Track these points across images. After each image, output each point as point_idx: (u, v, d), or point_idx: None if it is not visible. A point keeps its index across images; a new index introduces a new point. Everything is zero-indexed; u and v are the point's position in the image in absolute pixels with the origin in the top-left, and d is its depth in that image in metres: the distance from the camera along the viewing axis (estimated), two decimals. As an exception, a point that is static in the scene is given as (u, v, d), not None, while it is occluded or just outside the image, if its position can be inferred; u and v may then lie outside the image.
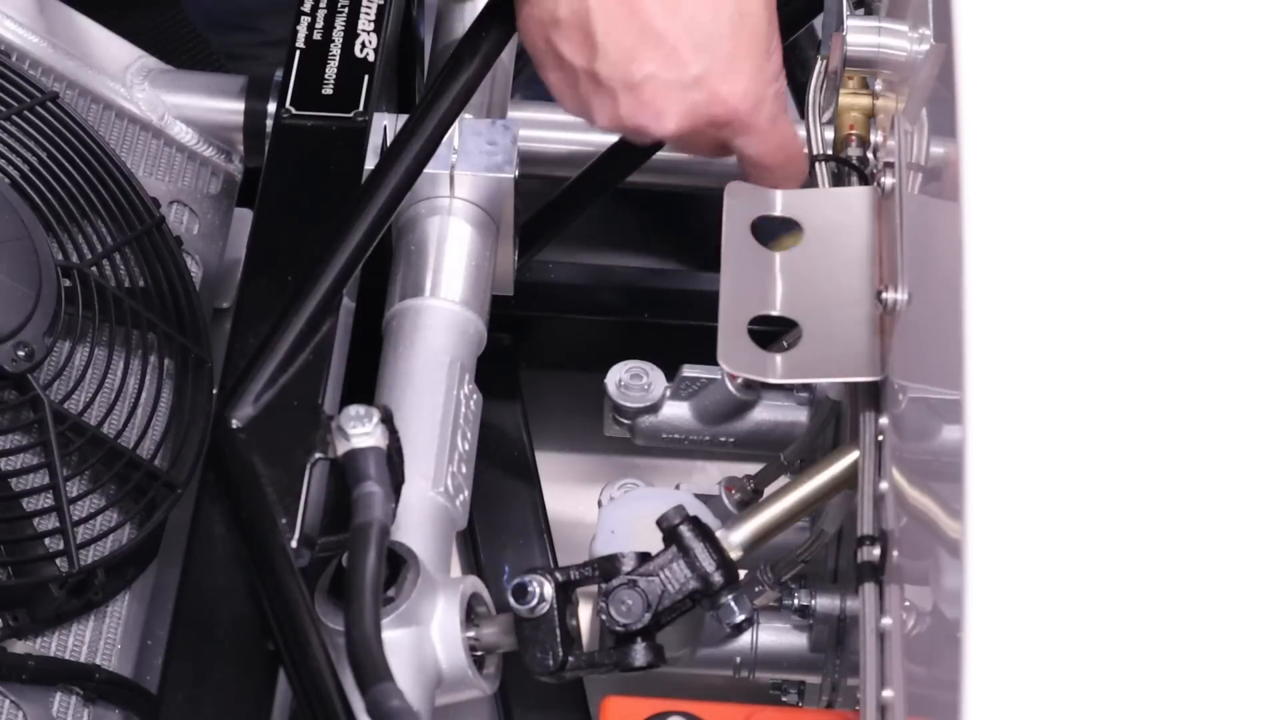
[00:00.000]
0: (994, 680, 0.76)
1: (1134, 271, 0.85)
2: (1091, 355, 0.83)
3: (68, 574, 1.13)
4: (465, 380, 1.25)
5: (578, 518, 1.50)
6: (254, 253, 1.29)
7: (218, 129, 1.45)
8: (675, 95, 1.16)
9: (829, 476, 1.12)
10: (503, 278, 1.38)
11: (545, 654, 1.08)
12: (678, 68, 1.15)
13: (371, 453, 1.04)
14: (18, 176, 1.25)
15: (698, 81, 1.16)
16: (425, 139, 1.21)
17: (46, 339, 1.17)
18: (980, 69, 0.92)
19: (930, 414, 0.95)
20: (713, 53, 1.16)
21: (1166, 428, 0.81)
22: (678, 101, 1.16)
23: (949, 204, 0.90)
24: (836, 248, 1.16)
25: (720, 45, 1.16)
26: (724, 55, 1.16)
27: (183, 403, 1.23)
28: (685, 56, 1.15)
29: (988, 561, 0.78)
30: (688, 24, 1.15)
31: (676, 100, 1.16)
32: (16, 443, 1.16)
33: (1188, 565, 0.78)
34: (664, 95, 1.16)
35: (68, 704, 1.13)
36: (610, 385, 1.32)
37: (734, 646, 1.26)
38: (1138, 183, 0.88)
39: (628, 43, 1.15)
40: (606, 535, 1.19)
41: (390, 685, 0.94)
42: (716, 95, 1.16)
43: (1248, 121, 0.90)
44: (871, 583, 1.02)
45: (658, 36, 1.15)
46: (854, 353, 1.11)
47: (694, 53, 1.15)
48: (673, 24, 1.15)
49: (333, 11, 1.43)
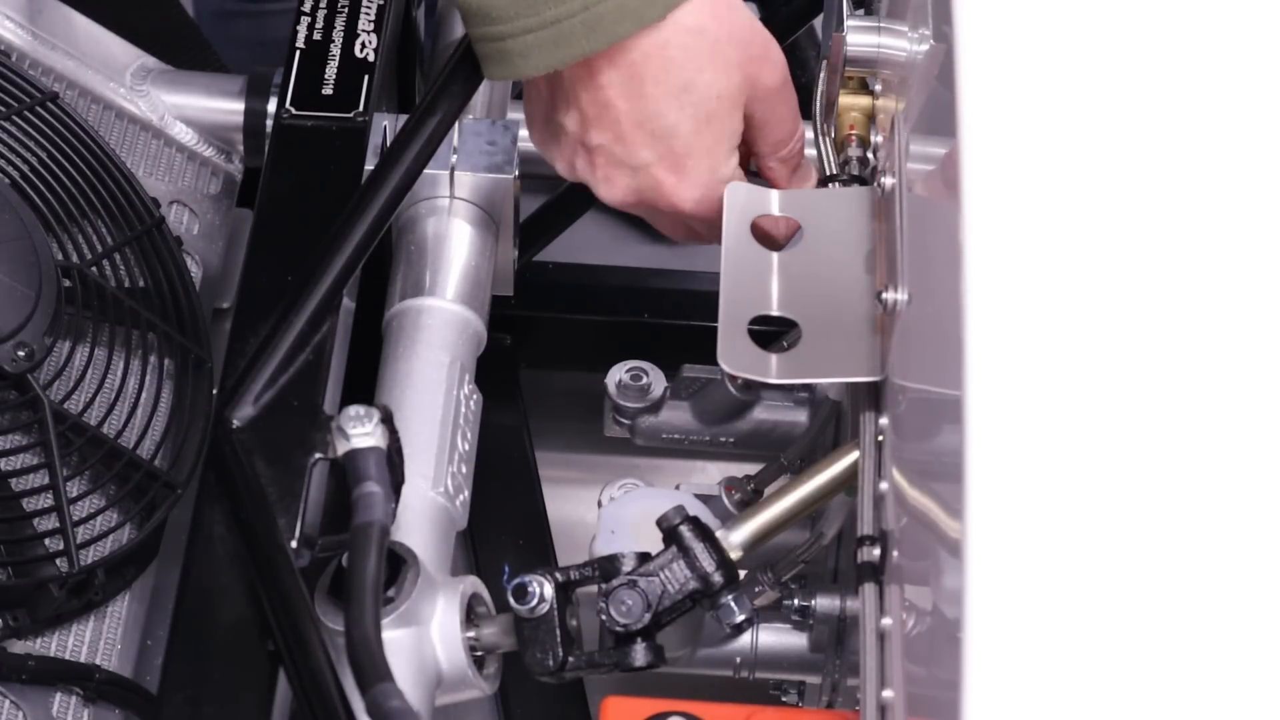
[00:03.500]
0: (994, 680, 0.76)
1: (1134, 271, 0.85)
2: (1092, 355, 0.83)
3: (68, 574, 1.13)
4: (465, 380, 1.25)
5: (578, 518, 1.50)
6: (254, 253, 1.29)
7: (218, 129, 1.45)
8: (622, 172, 1.19)
9: (829, 477, 1.12)
10: (503, 278, 1.38)
11: (545, 654, 1.08)
12: (628, 150, 1.18)
13: (371, 453, 1.04)
14: (18, 176, 1.25)
15: (645, 168, 1.18)
16: (425, 139, 1.22)
17: (46, 339, 1.17)
18: (980, 69, 0.92)
19: (930, 414, 0.95)
20: (667, 146, 1.18)
21: (1167, 428, 0.81)
22: (623, 179, 1.19)
23: (949, 204, 0.90)
24: (836, 248, 1.16)
25: (676, 141, 1.18)
26: (677, 152, 1.18)
27: (183, 403, 1.23)
28: (637, 141, 1.18)
29: (988, 561, 0.78)
30: (650, 112, 1.17)
31: (622, 177, 1.19)
32: (16, 443, 1.16)
33: (1188, 565, 0.78)
34: (612, 168, 1.19)
35: (68, 704, 1.13)
36: (610, 385, 1.32)
37: (734, 646, 1.26)
38: (1138, 182, 0.88)
39: (591, 111, 1.17)
40: (606, 535, 1.19)
41: (390, 685, 0.94)
42: (660, 188, 1.19)
43: (1248, 121, 0.90)
44: (871, 583, 1.02)
45: (617, 115, 1.17)
46: (854, 353, 1.11)
47: (648, 141, 1.18)
48: (634, 108, 1.16)
49: (333, 11, 1.43)
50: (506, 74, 1.15)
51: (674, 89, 1.16)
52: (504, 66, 1.14)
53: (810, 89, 1.30)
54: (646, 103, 1.16)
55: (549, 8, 1.11)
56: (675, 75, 1.16)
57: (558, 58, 1.13)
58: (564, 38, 1.12)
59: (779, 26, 1.52)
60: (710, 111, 1.17)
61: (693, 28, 1.15)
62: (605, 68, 1.15)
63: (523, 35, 1.12)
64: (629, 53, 1.14)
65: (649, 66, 1.15)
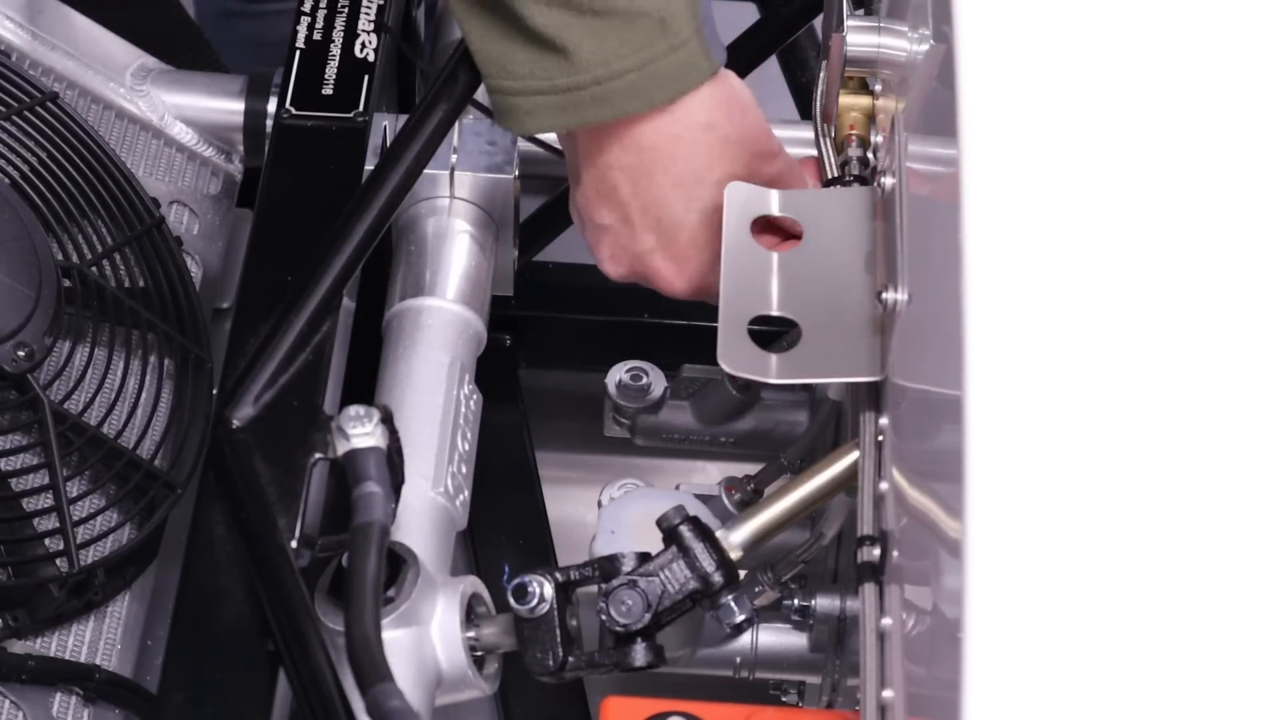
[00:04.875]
0: (994, 680, 0.76)
1: (1134, 271, 0.85)
2: (1092, 355, 0.83)
3: (68, 574, 1.13)
4: (465, 380, 1.26)
5: (578, 518, 1.50)
6: (254, 253, 1.29)
7: (218, 129, 1.45)
8: (622, 252, 1.21)
9: (829, 477, 1.12)
10: (503, 278, 1.38)
11: (545, 654, 1.08)
12: (632, 235, 1.20)
13: (371, 453, 1.04)
14: (18, 176, 1.25)
15: (646, 253, 1.20)
16: (425, 139, 1.22)
17: (46, 339, 1.18)
18: (980, 69, 0.92)
19: (930, 414, 0.95)
20: (670, 237, 1.19)
21: (1167, 428, 0.81)
22: (623, 258, 1.21)
23: (949, 204, 0.90)
24: (836, 248, 1.16)
25: (680, 233, 1.19)
26: (680, 242, 1.19)
27: (183, 403, 1.23)
28: (642, 228, 1.19)
29: (988, 561, 0.78)
30: (653, 202, 1.18)
31: (622, 256, 1.21)
32: (16, 443, 1.16)
33: (1188, 565, 0.78)
34: (613, 247, 1.21)
35: (68, 704, 1.13)
36: (610, 385, 1.32)
37: (734, 646, 1.26)
38: (1138, 183, 0.88)
39: (600, 190, 1.19)
40: (606, 535, 1.19)
41: (390, 685, 0.94)
42: (659, 274, 1.21)
43: (1249, 121, 0.90)
44: (871, 583, 1.02)
45: (623, 199, 1.18)
46: (854, 353, 1.10)
47: (651, 229, 1.19)
48: (638, 196, 1.18)
49: (333, 11, 1.44)
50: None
51: (682, 181, 1.17)
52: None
53: (810, 89, 1.30)
54: (653, 192, 1.18)
55: (563, 76, 1.12)
56: (684, 168, 1.17)
57: (563, 122, 1.15)
58: (572, 106, 1.13)
59: (779, 26, 1.52)
60: (715, 206, 1.17)
61: (704, 124, 1.16)
62: (614, 148, 1.16)
63: (532, 96, 1.13)
64: (639, 139, 1.16)
65: (658, 156, 1.16)
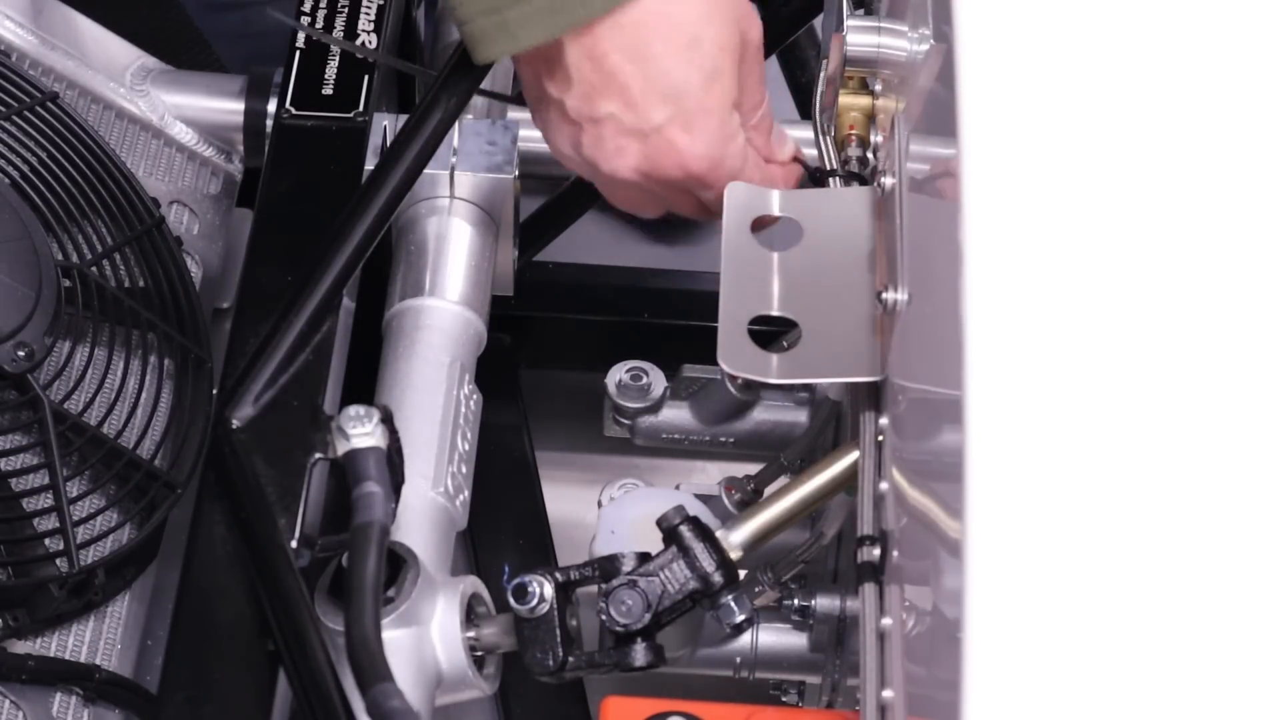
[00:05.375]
0: (994, 680, 0.76)
1: (1134, 272, 0.85)
2: (1092, 355, 0.83)
3: (68, 574, 1.13)
4: (465, 380, 1.26)
5: (578, 518, 1.50)
6: (254, 253, 1.29)
7: (218, 129, 1.45)
8: (634, 139, 1.18)
9: (829, 477, 1.12)
10: (503, 278, 1.38)
11: (545, 654, 1.08)
12: (639, 114, 1.17)
13: (371, 453, 1.04)
14: (18, 176, 1.25)
15: (657, 130, 1.17)
16: (425, 139, 1.22)
17: (46, 339, 1.17)
18: (980, 69, 0.92)
19: (930, 414, 0.95)
20: (679, 104, 1.17)
21: (1167, 428, 0.81)
22: (635, 146, 1.18)
23: (949, 204, 0.90)
24: (836, 248, 1.16)
25: (687, 99, 1.17)
26: (689, 109, 1.17)
27: (183, 403, 1.23)
28: (648, 104, 1.16)
29: (988, 561, 0.78)
30: (657, 73, 1.15)
31: (634, 145, 1.18)
32: (16, 443, 1.16)
33: (1188, 565, 0.78)
34: (623, 137, 1.18)
35: (68, 704, 1.13)
36: (610, 385, 1.32)
37: (734, 646, 1.26)
38: (1138, 183, 0.88)
39: (596, 80, 1.16)
40: (606, 535, 1.19)
41: (390, 685, 0.94)
42: (674, 147, 1.18)
43: (1249, 121, 0.90)
44: (871, 583, 1.02)
45: (625, 79, 1.15)
46: (854, 353, 1.10)
47: (659, 102, 1.16)
48: (642, 69, 1.15)
49: (333, 11, 1.43)
50: (503, 49, 1.13)
51: (681, 45, 1.15)
52: (501, 41, 1.13)
53: (810, 89, 1.30)
54: (654, 62, 1.15)
55: None
56: (681, 31, 1.15)
57: (557, 24, 1.12)
58: (561, 5, 1.11)
59: (779, 26, 1.52)
60: (716, 67, 1.16)
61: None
62: (607, 33, 1.14)
63: (522, 5, 1.11)
64: (630, 14, 1.13)
65: (653, 26, 1.14)
